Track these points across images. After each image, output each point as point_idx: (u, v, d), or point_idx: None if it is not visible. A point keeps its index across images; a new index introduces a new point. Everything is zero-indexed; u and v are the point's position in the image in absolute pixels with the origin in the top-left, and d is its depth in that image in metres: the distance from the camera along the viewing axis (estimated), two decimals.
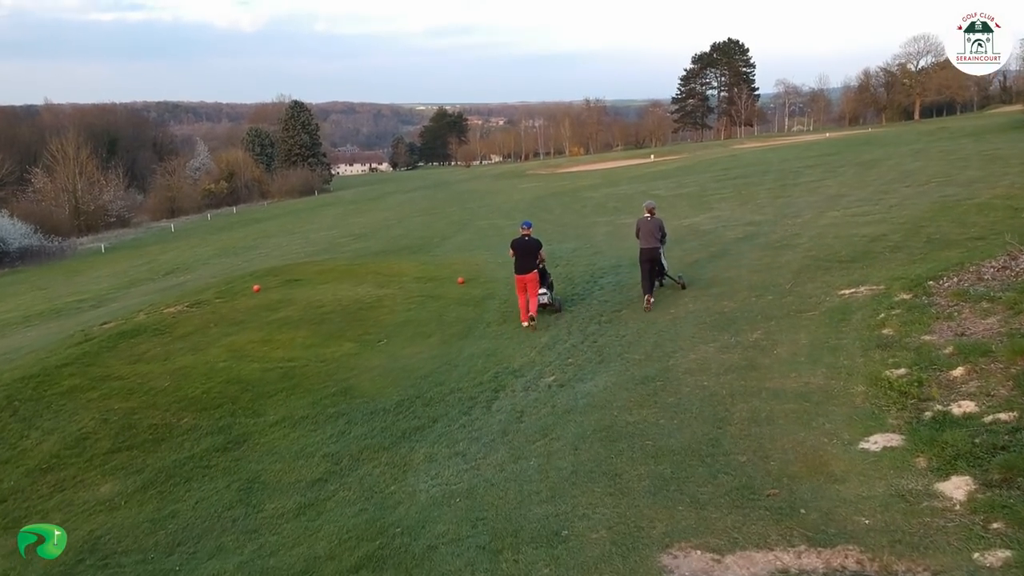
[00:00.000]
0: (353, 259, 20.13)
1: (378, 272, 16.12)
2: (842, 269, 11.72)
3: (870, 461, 5.90)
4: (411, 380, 9.71)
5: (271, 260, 28.52)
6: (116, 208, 72.61)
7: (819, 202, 20.86)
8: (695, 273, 13.44)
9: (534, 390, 8.97)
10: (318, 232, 38.15)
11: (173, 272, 30.85)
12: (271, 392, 9.53)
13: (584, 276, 14.98)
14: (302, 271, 16.65)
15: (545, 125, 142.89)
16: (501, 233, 24.91)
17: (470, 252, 20.18)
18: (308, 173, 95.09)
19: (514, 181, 60.40)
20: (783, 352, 8.61)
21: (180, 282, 23.88)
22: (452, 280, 15.23)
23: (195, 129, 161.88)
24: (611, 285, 13.88)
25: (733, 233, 17.19)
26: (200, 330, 12.41)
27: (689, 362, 8.78)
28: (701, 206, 24.29)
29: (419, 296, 13.97)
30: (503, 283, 15.11)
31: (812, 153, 42.77)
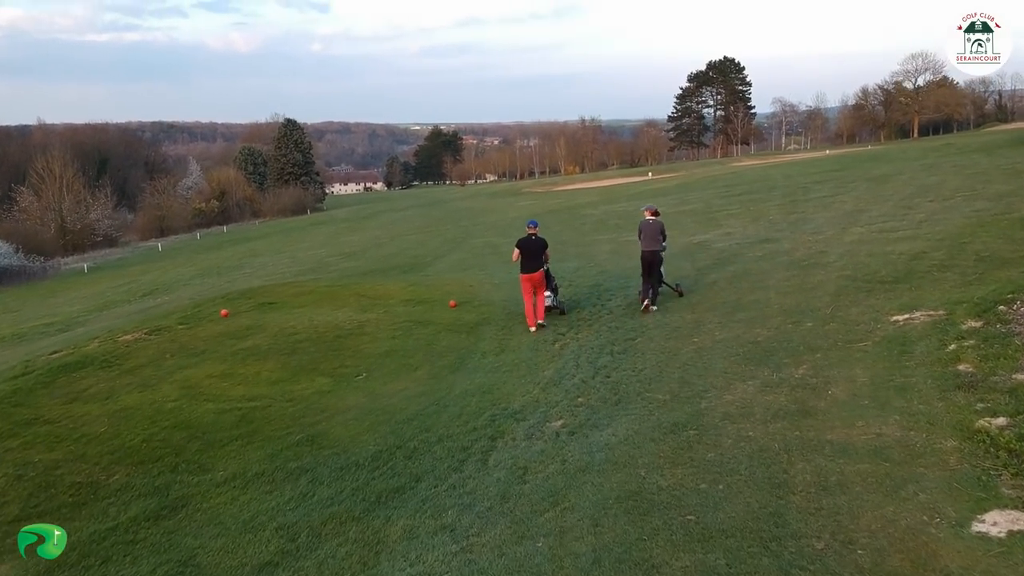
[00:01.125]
0: (338, 280, 18.64)
1: (362, 294, 14.60)
2: (887, 291, 10.27)
3: (996, 554, 4.40)
4: (392, 424, 8.17)
5: (255, 280, 27.01)
6: (103, 227, 71.16)
7: (837, 218, 19.48)
8: (716, 296, 11.97)
9: (539, 438, 7.45)
10: (307, 251, 36.68)
11: (151, 293, 29.26)
12: (224, 440, 7.98)
13: (590, 298, 13.50)
14: (278, 293, 15.12)
15: (540, 144, 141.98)
16: (497, 252, 23.46)
17: (464, 272, 18.70)
18: (301, 192, 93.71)
19: (510, 199, 59.13)
20: (839, 393, 7.12)
21: (155, 304, 22.31)
22: (443, 303, 13.73)
23: (190, 149, 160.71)
24: (620, 308, 12.40)
25: (751, 251, 15.75)
26: (154, 362, 10.86)
27: (726, 405, 7.28)
28: (709, 223, 22.88)
29: (406, 322, 12.45)
30: (499, 307, 13.62)
31: (816, 169, 41.55)
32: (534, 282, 11.58)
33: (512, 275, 16.59)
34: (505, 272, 17.74)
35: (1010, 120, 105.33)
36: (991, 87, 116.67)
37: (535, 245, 11.69)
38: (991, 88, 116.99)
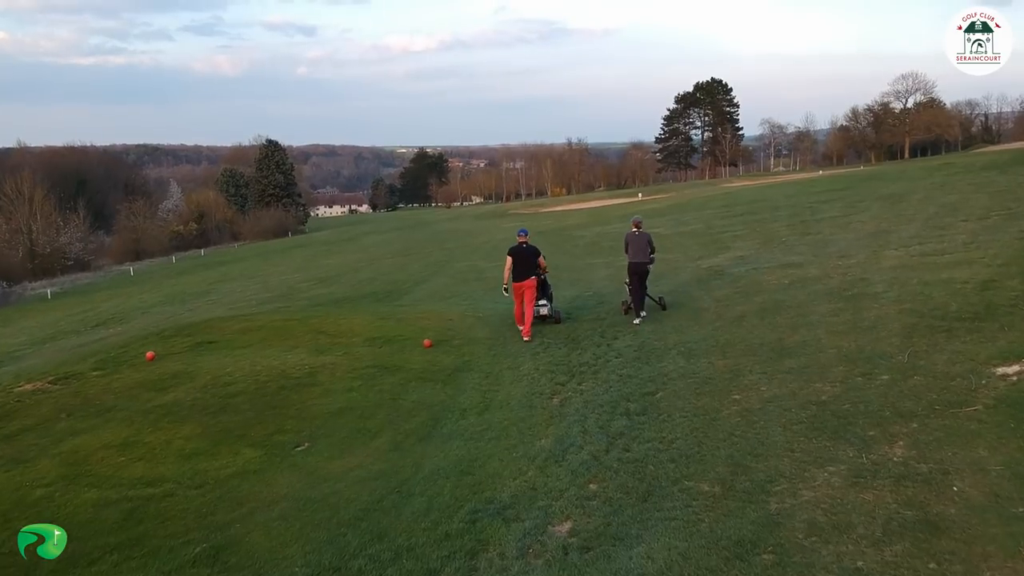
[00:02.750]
0: (301, 310, 16.34)
1: (321, 330, 12.29)
2: (971, 331, 8.15)
3: None
4: (331, 528, 5.87)
5: (218, 309, 24.63)
6: (75, 251, 68.45)
7: (862, 239, 17.46)
8: (749, 335, 9.79)
9: (538, 554, 5.20)
10: (280, 275, 34.28)
11: (105, 323, 26.74)
12: (94, 554, 5.63)
13: (592, 337, 11.29)
14: (223, 329, 12.78)
15: (526, 166, 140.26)
16: (482, 277, 21.25)
17: (445, 301, 16.46)
18: (282, 214, 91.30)
19: (496, 221, 57.00)
20: (971, 490, 4.95)
21: (98, 338, 19.88)
22: (416, 342, 11.45)
23: (175, 172, 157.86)
24: (631, 350, 10.19)
25: (773, 278, 13.63)
26: (44, 423, 8.51)
27: (807, 507, 5.07)
28: (715, 245, 20.81)
29: (369, 367, 10.15)
30: (484, 346, 11.38)
31: (817, 189, 39.72)
32: (524, 289, 11.64)
33: (500, 306, 14.39)
34: (492, 301, 15.53)
35: (996, 141, 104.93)
36: (976, 109, 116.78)
37: (526, 253, 11.81)
38: (976, 110, 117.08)
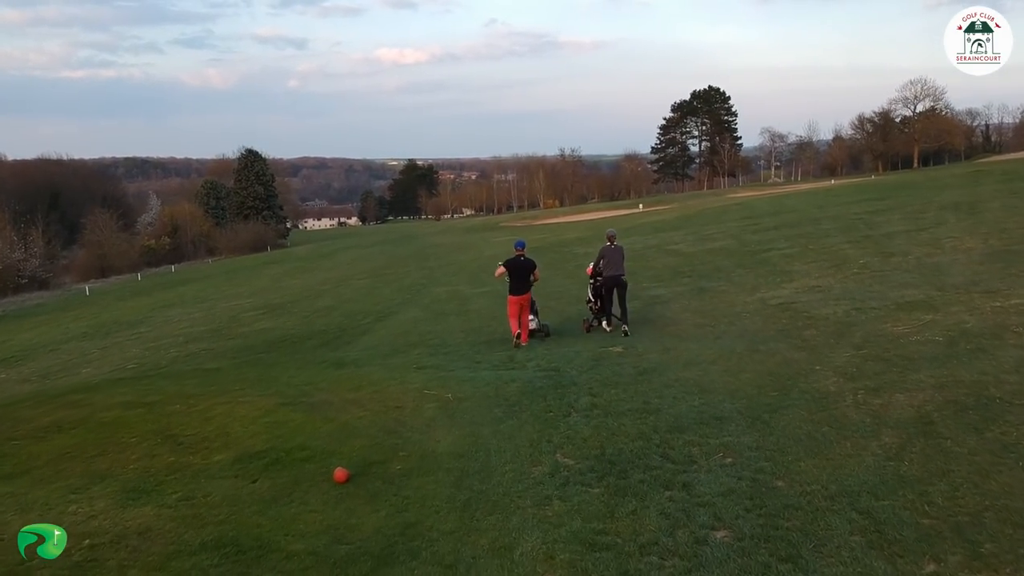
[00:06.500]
0: (178, 380, 11.40)
1: (173, 432, 7.17)
2: None
3: None
4: None
5: (133, 348, 19.75)
6: (30, 268, 63.20)
7: (982, 264, 12.76)
8: (983, 487, 4.98)
9: None
10: (233, 300, 29.29)
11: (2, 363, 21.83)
12: None
13: (646, 464, 6.38)
14: (22, 421, 7.78)
15: (518, 178, 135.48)
16: (464, 310, 16.40)
17: (403, 356, 11.54)
18: (262, 227, 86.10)
19: (486, 234, 52.17)
20: None
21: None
22: (324, 465, 6.36)
23: (163, 185, 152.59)
24: (750, 506, 5.33)
25: (907, 330, 8.84)
26: None
27: None
28: (768, 269, 16.02)
29: (207, 545, 5.11)
30: (449, 474, 6.41)
31: (846, 200, 35.00)
32: (521, 303, 11.44)
33: (483, 374, 9.50)
34: (474, 358, 10.69)
35: (999, 151, 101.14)
36: (977, 119, 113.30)
37: (523, 267, 11.56)
38: (977, 120, 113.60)
